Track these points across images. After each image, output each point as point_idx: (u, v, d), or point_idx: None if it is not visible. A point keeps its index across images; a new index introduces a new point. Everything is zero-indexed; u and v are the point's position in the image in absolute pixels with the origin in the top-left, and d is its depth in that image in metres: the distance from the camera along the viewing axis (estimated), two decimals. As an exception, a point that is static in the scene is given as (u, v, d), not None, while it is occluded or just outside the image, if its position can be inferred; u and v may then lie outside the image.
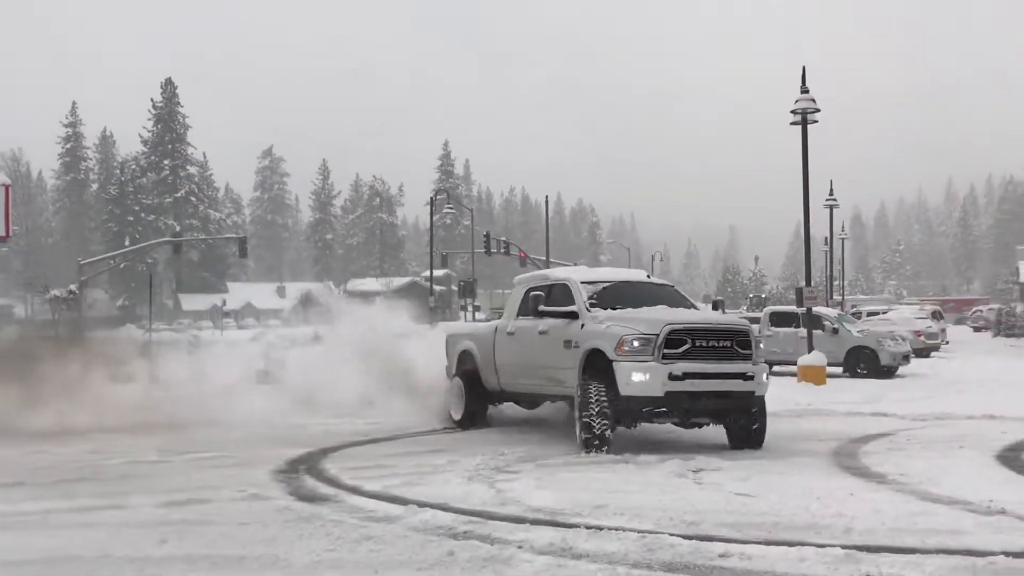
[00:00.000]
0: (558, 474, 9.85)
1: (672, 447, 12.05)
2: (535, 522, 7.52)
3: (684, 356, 11.30)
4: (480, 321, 52.79)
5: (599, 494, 8.61)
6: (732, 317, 12.51)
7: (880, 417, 16.22)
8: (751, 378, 11.58)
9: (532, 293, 13.03)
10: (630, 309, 12.08)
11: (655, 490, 8.84)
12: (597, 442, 11.26)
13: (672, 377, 11.19)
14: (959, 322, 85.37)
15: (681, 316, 11.88)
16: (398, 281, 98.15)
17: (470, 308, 57.40)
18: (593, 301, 12.40)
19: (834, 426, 15.29)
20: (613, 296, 12.55)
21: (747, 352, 11.65)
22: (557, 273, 13.80)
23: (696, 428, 12.26)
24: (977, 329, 70.01)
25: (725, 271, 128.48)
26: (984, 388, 22.29)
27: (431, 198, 56.57)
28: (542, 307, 12.67)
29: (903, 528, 7.25)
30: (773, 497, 8.47)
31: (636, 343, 11.37)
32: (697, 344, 11.41)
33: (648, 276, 13.68)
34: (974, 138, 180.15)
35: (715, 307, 14.89)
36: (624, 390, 11.25)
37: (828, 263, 52.87)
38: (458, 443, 12.46)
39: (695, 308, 12.81)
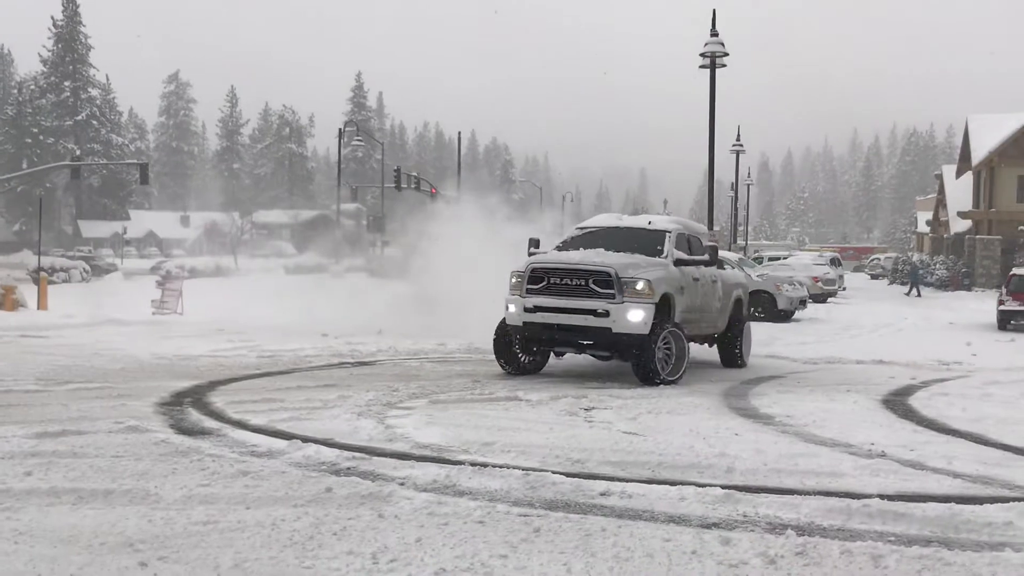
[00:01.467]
0: (449, 411, 9.76)
1: (571, 385, 12.13)
2: (421, 459, 7.42)
3: (541, 292, 12.65)
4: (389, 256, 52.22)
5: (488, 431, 8.55)
6: (601, 259, 12.74)
7: (773, 360, 16.51)
8: (605, 315, 12.24)
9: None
10: (577, 251, 13.39)
11: (544, 428, 8.81)
12: (508, 368, 13.18)
13: (526, 310, 12.72)
14: (858, 270, 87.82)
15: (553, 257, 13.16)
16: (306, 214, 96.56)
17: (379, 244, 56.79)
18: (568, 243, 14.02)
19: (727, 368, 15.54)
20: (591, 240, 13.93)
21: (608, 292, 12.32)
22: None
23: (559, 357, 13.74)
24: (874, 276, 72.03)
25: (635, 213, 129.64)
26: (876, 334, 22.92)
27: (340, 130, 55.47)
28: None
29: (784, 469, 7.31)
30: (660, 436, 8.51)
31: (514, 280, 13.08)
32: (552, 282, 12.64)
33: (649, 223, 14.27)
34: (881, 90, 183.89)
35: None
36: (507, 320, 13.07)
37: (733, 208, 53.56)
38: (354, 378, 12.28)
39: (683, 255, 13.58)
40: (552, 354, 13.79)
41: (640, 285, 12.36)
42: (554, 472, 6.91)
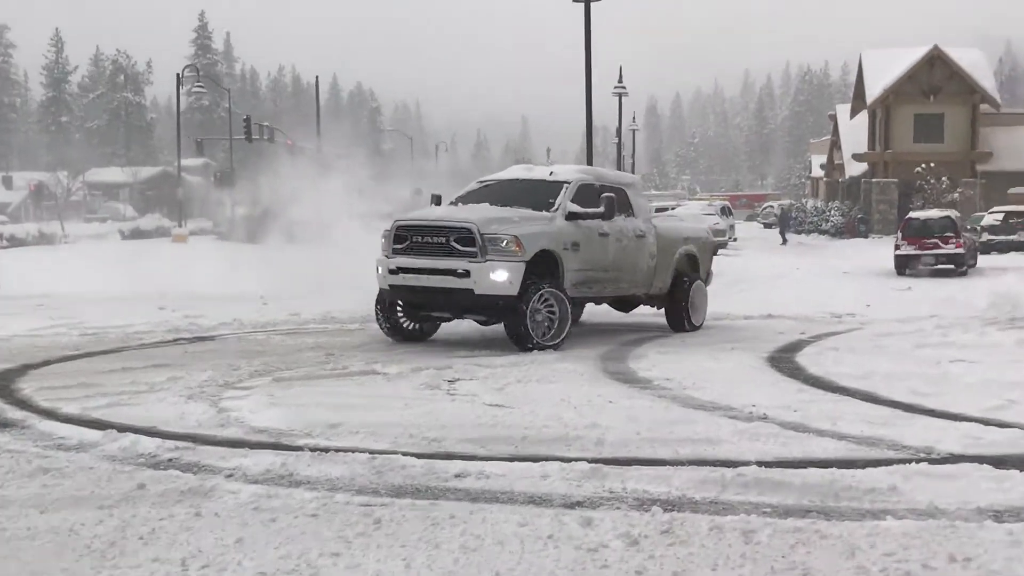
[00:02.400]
0: (294, 389, 9.52)
1: (437, 355, 12.04)
2: (256, 445, 7.17)
3: (405, 252, 12.77)
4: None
5: (336, 411, 8.33)
6: (467, 214, 12.74)
7: (656, 319, 16.64)
8: (466, 275, 12.22)
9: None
10: (472, 205, 13.51)
11: (400, 404, 8.64)
12: (393, 336, 13.49)
13: (390, 272, 12.87)
14: (750, 219, 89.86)
15: (417, 214, 13.45)
16: (147, 171, 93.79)
17: (229, 203, 55.49)
18: (463, 197, 14.11)
19: (605, 329, 15.64)
20: (487, 194, 13.99)
21: (470, 250, 12.27)
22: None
23: (432, 323, 13.72)
24: (768, 226, 73.75)
25: (516, 163, 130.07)
26: (767, 286, 23.41)
27: (178, 75, 53.72)
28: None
29: (658, 438, 7.32)
30: (527, 408, 8.45)
31: (383, 240, 13.17)
32: (415, 240, 12.74)
33: (551, 174, 14.20)
34: (774, 27, 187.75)
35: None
36: (378, 284, 13.24)
37: (618, 156, 54.03)
38: (189, 357, 11.89)
39: (578, 208, 13.36)
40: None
41: (505, 241, 12.25)
42: (405, 454, 6.75)
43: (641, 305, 15.64)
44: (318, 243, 46.70)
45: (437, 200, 14.95)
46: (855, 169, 59.25)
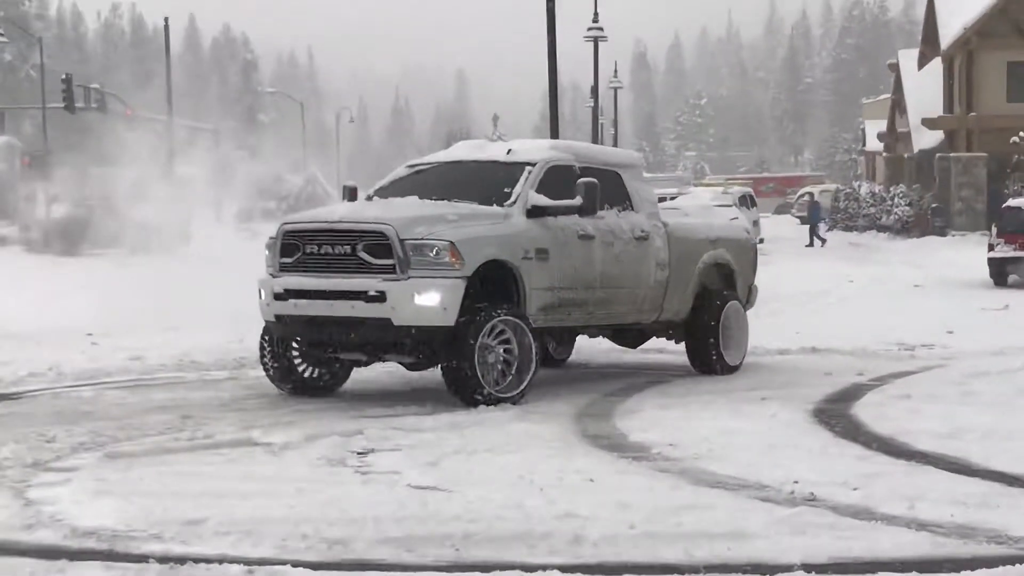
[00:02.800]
0: (136, 469, 9.32)
1: (343, 413, 11.98)
2: (79, 555, 7.00)
3: (295, 268, 12.82)
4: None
5: (196, 501, 8.16)
6: (381, 212, 12.73)
7: (653, 354, 16.61)
8: (380, 298, 12.11)
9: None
10: (393, 200, 13.63)
11: (289, 490, 8.49)
12: (282, 386, 13.51)
13: (276, 296, 12.80)
14: (781, 210, 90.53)
15: (313, 214, 13.74)
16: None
17: (42, 197, 54.86)
18: (384, 190, 14.24)
19: (586, 371, 15.59)
20: (418, 183, 14.13)
21: (384, 262, 12.19)
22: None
23: (341, 367, 13.72)
24: (805, 220, 74.17)
25: (450, 136, 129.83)
26: (808, 307, 23.54)
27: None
28: None
29: (661, 533, 7.24)
30: (472, 491, 8.33)
31: (267, 251, 13.20)
32: (308, 251, 12.71)
33: (509, 152, 14.24)
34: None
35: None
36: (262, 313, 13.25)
37: (594, 123, 54.23)
38: (-15, 421, 11.65)
39: (545, 201, 13.26)
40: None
41: (435, 250, 12.13)
42: (297, 564, 6.64)
43: (655, 337, 15.68)
44: (172, 255, 46.55)
45: (351, 194, 14.94)
46: (926, 140, 59.80)
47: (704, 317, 15.14)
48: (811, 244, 49.61)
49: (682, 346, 15.58)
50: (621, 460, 9.53)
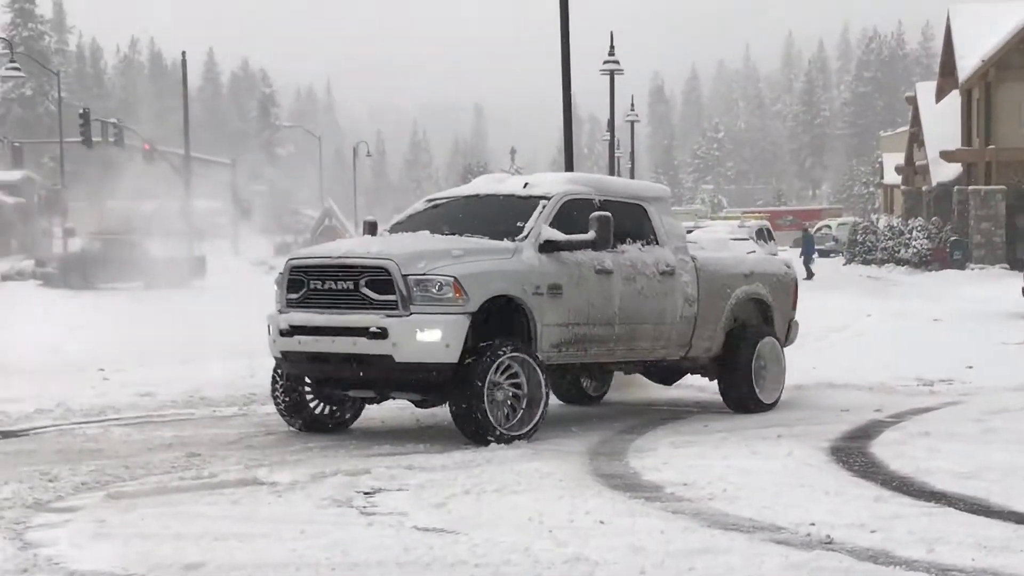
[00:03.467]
0: (138, 510, 9.16)
1: (350, 452, 11.89)
2: (73, 601, 6.82)
3: (301, 304, 12.82)
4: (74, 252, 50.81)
5: (197, 544, 8.02)
6: (384, 247, 12.65)
7: (669, 390, 16.46)
8: (382, 335, 12.05)
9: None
10: (401, 235, 13.69)
11: (291, 532, 8.32)
12: (293, 423, 13.48)
13: (282, 333, 12.80)
14: (799, 243, 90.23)
15: (317, 249, 13.95)
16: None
17: (58, 231, 55.22)
18: (400, 224, 14.34)
19: (599, 409, 15.43)
20: (435, 218, 14.05)
21: (387, 298, 12.16)
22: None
23: (352, 404, 13.70)
24: (823, 253, 74.16)
25: (467, 170, 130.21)
26: (825, 342, 23.33)
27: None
28: None
29: (674, 580, 7.04)
30: (479, 534, 8.17)
31: (276, 287, 13.22)
32: (313, 287, 12.72)
33: (525, 186, 14.13)
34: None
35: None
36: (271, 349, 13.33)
37: (610, 156, 54.14)
38: (-12, 460, 11.53)
39: (558, 236, 13.14)
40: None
41: (438, 285, 12.00)
42: (295, 611, 6.43)
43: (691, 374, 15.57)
44: (188, 288, 46.59)
45: (371, 228, 14.85)
46: (945, 173, 59.69)
47: (737, 353, 14.91)
48: (808, 277, 49.29)
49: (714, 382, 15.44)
50: (633, 501, 9.36)
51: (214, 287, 44.99)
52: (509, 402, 12.32)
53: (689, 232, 44.64)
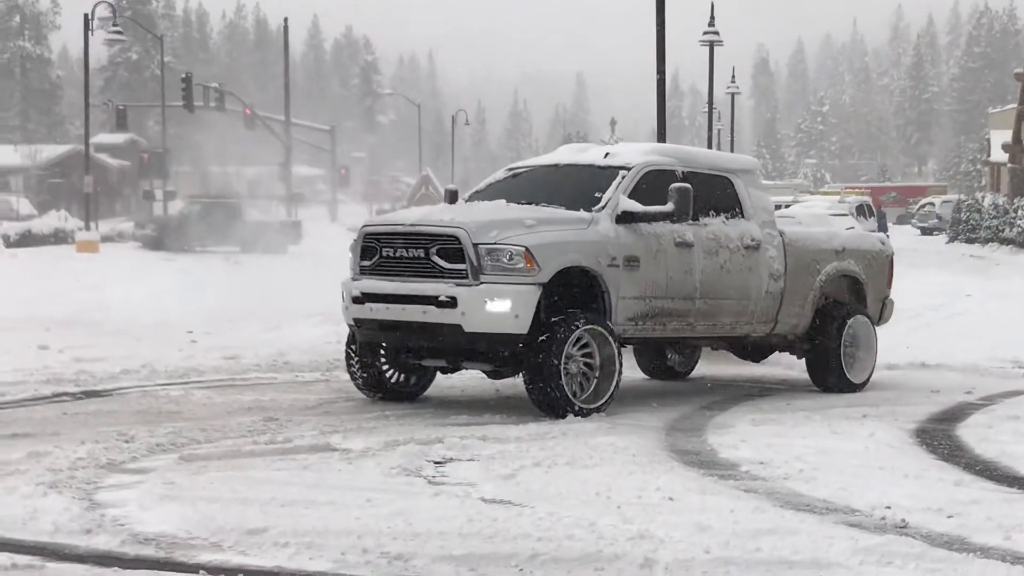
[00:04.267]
0: (208, 473, 9.19)
1: (426, 421, 11.87)
2: (132, 563, 6.87)
3: (373, 271, 12.86)
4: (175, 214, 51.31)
5: (263, 509, 8.01)
6: (457, 215, 12.55)
7: (755, 367, 16.29)
8: (451, 304, 11.95)
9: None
10: (477, 203, 13.50)
11: (358, 500, 8.28)
12: (368, 392, 13.41)
13: (354, 300, 12.82)
14: (903, 220, 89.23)
15: (391, 216, 13.97)
16: (52, 151, 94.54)
17: (159, 194, 55.72)
18: (479, 193, 14.08)
19: (681, 384, 15.34)
20: (514, 187, 13.88)
21: (457, 267, 12.08)
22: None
23: (425, 373, 13.70)
24: (926, 231, 73.15)
25: (566, 140, 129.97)
26: (920, 321, 22.91)
27: (86, 15, 53.65)
28: None
29: (737, 559, 6.92)
30: (545, 507, 8.08)
31: (351, 254, 13.22)
32: (385, 255, 12.70)
33: (606, 155, 13.93)
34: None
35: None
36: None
37: (708, 128, 53.74)
38: (67, 422, 11.68)
39: (637, 207, 12.95)
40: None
41: (509, 255, 11.89)
42: (349, 582, 6.40)
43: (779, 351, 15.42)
44: (283, 253, 46.89)
45: (452, 197, 14.82)
46: (1053, 151, 58.58)
47: (825, 331, 14.66)
48: None
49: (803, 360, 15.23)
50: (706, 478, 9.23)
51: (309, 252, 45.31)
52: (580, 377, 12.19)
53: (787, 207, 44.29)
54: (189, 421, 11.66)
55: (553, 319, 12.01)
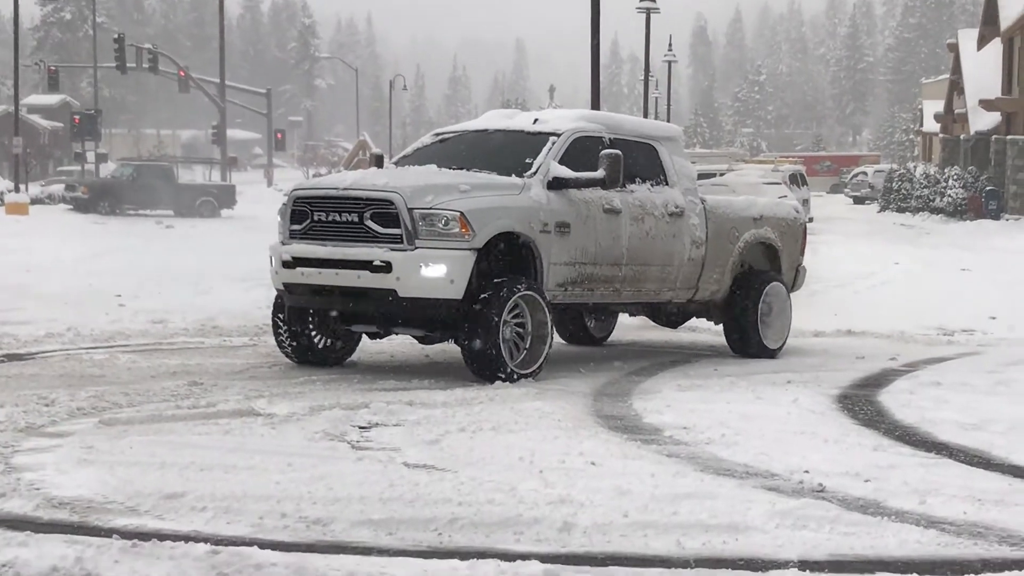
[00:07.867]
0: (128, 437, 9.07)
1: (352, 385, 11.85)
2: (46, 527, 6.75)
3: (304, 235, 12.66)
4: (108, 178, 50.84)
5: (181, 474, 7.92)
6: (390, 179, 12.50)
7: (686, 334, 16.35)
8: (385, 268, 11.90)
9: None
10: (408, 168, 13.50)
11: (279, 464, 8.22)
12: (294, 356, 13.23)
13: (284, 264, 12.66)
14: (836, 189, 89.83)
15: (321, 181, 13.88)
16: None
17: (90, 155, 55.12)
18: (406, 158, 14.15)
19: (609, 350, 15.35)
20: (442, 152, 13.85)
21: (391, 231, 11.99)
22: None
23: (351, 338, 13.54)
24: (859, 200, 73.66)
25: (505, 107, 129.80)
26: (849, 289, 23.16)
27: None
28: None
29: (655, 522, 6.93)
30: (467, 472, 8.05)
31: (279, 218, 13.08)
32: (316, 219, 12.54)
33: (535, 122, 13.93)
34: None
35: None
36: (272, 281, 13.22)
37: (644, 97, 53.77)
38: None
39: (568, 174, 12.97)
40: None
41: (444, 220, 11.85)
42: (266, 545, 6.35)
43: (696, 317, 15.48)
44: (217, 218, 46.53)
45: (378, 161, 14.84)
46: (983, 122, 59.02)
47: (743, 298, 14.76)
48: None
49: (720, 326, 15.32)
50: (630, 443, 9.22)
51: (243, 217, 45.07)
52: (512, 342, 12.20)
53: (722, 175, 44.41)
54: (112, 385, 11.50)
55: (495, 280, 12.00)
